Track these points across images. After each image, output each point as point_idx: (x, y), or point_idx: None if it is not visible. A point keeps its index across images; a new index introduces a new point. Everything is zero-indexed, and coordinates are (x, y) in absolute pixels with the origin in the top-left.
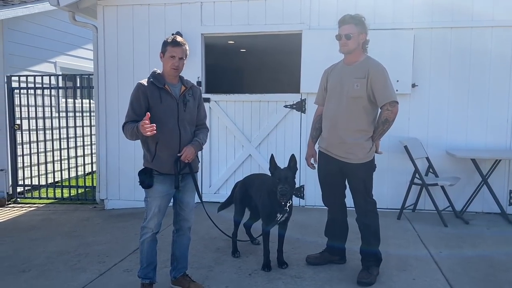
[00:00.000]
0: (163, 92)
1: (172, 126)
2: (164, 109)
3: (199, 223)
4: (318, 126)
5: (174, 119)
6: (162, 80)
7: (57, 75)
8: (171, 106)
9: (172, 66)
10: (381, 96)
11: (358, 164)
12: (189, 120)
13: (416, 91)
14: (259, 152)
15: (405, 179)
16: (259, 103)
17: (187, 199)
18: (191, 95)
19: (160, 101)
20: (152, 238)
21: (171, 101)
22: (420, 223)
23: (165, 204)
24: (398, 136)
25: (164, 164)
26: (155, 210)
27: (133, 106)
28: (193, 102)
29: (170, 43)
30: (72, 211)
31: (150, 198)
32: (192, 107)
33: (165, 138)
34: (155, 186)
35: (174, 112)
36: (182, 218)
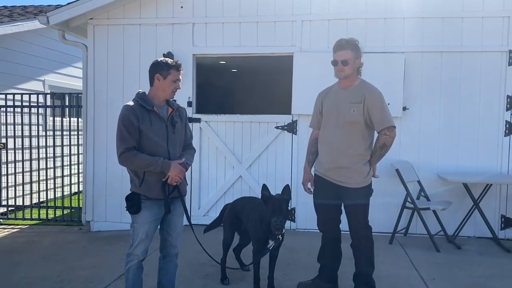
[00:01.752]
0: (152, 115)
1: (162, 149)
2: (154, 132)
3: (187, 248)
4: (314, 150)
5: (164, 142)
6: (150, 102)
7: (45, 94)
8: (161, 129)
9: (175, 89)
10: (379, 121)
11: (356, 188)
12: (179, 141)
13: (407, 114)
14: (250, 173)
15: (396, 203)
16: (250, 123)
17: (175, 223)
18: (178, 116)
19: (150, 123)
20: (138, 265)
21: (161, 123)
22: (412, 248)
23: (153, 229)
24: (390, 159)
25: (152, 189)
26: (142, 236)
27: (129, 130)
28: (181, 123)
29: (175, 67)
30: (57, 233)
31: (137, 224)
32: (180, 129)
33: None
34: (143, 212)
35: (164, 134)
36: (169, 244)
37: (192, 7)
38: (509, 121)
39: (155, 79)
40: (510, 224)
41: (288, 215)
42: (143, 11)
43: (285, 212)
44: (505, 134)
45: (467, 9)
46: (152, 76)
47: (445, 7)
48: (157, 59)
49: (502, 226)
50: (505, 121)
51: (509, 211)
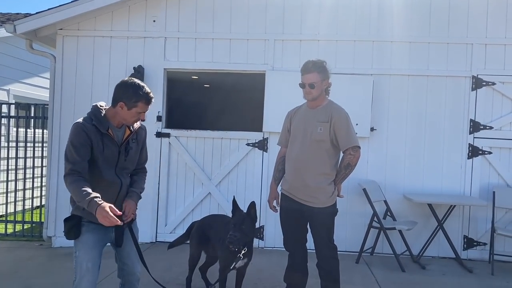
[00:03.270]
0: (106, 138)
1: (111, 176)
2: (105, 158)
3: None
4: (281, 168)
5: (112, 168)
6: (105, 123)
7: (9, 103)
8: (112, 154)
9: (137, 121)
10: (344, 141)
11: (321, 208)
12: (129, 167)
13: (375, 134)
14: (219, 190)
15: (363, 222)
16: (221, 140)
17: (127, 249)
18: (134, 140)
19: (102, 148)
20: None
21: (113, 148)
22: (378, 268)
23: (99, 255)
24: (357, 178)
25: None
26: (88, 265)
27: (79, 151)
28: (136, 147)
29: (145, 100)
30: (16, 248)
31: (79, 251)
32: (133, 155)
33: (103, 189)
34: (86, 235)
35: (114, 160)
36: (126, 272)
37: (164, 22)
38: (472, 144)
39: (118, 105)
40: (472, 244)
41: (249, 232)
42: (114, 24)
43: (246, 228)
44: (468, 157)
45: (433, 35)
46: (116, 100)
47: (413, 32)
48: (127, 80)
49: (465, 247)
50: (468, 144)
51: (471, 232)
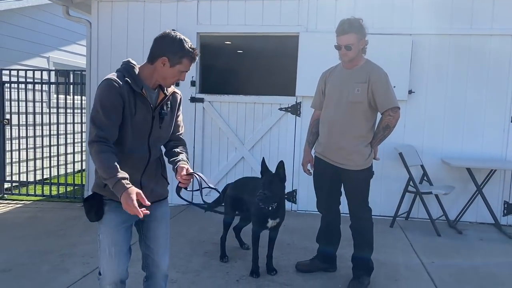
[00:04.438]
0: (139, 100)
1: (141, 146)
2: (137, 123)
3: (188, 226)
4: (315, 131)
5: (145, 137)
6: (139, 81)
7: (49, 70)
8: (145, 120)
9: (176, 82)
10: (383, 101)
11: (356, 170)
12: (163, 138)
13: (413, 97)
14: (252, 155)
15: (399, 187)
16: (254, 104)
17: (156, 233)
18: (169, 106)
19: (134, 111)
20: None
21: (146, 112)
22: (413, 232)
23: (125, 238)
24: (393, 143)
25: None
26: (112, 250)
27: (109, 113)
28: (171, 114)
29: (190, 56)
30: (60, 209)
31: (102, 234)
32: (168, 122)
33: (130, 159)
34: (108, 216)
35: (147, 127)
36: (151, 262)
37: None
38: None
39: (159, 61)
40: None
41: (278, 190)
42: None
43: (275, 187)
44: (511, 120)
45: None
46: (157, 55)
47: None
48: (170, 32)
49: (505, 212)
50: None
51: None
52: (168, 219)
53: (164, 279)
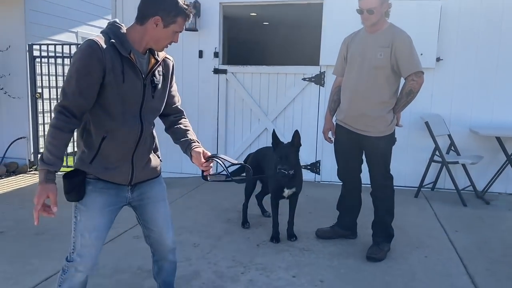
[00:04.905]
0: (127, 65)
1: (132, 119)
2: (126, 93)
3: (212, 195)
4: (336, 98)
5: (137, 109)
6: (127, 44)
7: (77, 45)
8: (135, 89)
9: (170, 43)
10: (406, 66)
11: (378, 137)
12: (157, 110)
13: (441, 65)
14: (275, 126)
15: (425, 157)
16: (277, 75)
17: (155, 214)
18: (161, 73)
19: (122, 78)
20: (82, 285)
21: (137, 80)
22: (438, 202)
23: (107, 224)
24: (420, 112)
25: (110, 169)
26: (91, 236)
27: (81, 81)
28: (164, 84)
29: (184, 14)
30: None
31: (81, 215)
32: (161, 92)
33: (121, 135)
34: (91, 197)
35: (138, 97)
36: (154, 241)
37: None
38: None
39: (151, 21)
40: None
41: (295, 161)
42: None
43: (292, 158)
44: None
45: None
46: (148, 14)
47: None
48: None
49: None
50: None
51: None
52: (165, 198)
53: (172, 252)
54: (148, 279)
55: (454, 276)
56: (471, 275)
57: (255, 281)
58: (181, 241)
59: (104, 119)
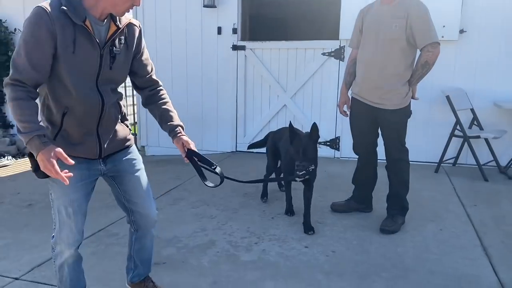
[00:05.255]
0: (80, 34)
1: (90, 91)
2: (77, 64)
3: (232, 170)
4: (352, 71)
5: (92, 80)
6: (82, 11)
7: None
8: (90, 59)
9: (131, 7)
10: (422, 37)
11: (393, 110)
12: (117, 81)
13: (464, 37)
14: (295, 102)
15: (447, 132)
16: (296, 50)
17: (133, 184)
18: (123, 41)
19: (72, 48)
20: (74, 258)
21: (92, 50)
22: (458, 177)
23: (84, 196)
24: (442, 86)
25: (76, 145)
26: (69, 210)
27: (30, 53)
28: (126, 52)
29: None
30: None
31: (55, 193)
32: (123, 62)
33: (79, 107)
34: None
35: (94, 69)
36: (139, 216)
37: None
38: None
39: None
40: None
41: (314, 155)
42: None
43: (310, 152)
44: None
45: None
46: None
47: None
48: None
49: None
50: None
51: None
52: (141, 167)
53: (154, 225)
54: (165, 248)
55: (467, 248)
56: (485, 247)
57: (268, 250)
58: (198, 213)
59: (62, 93)
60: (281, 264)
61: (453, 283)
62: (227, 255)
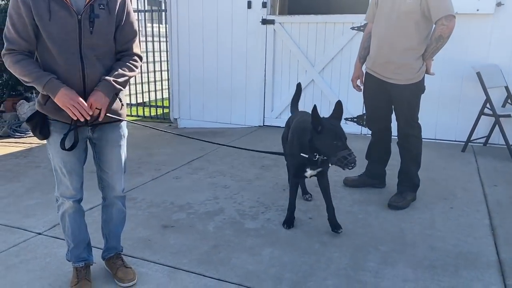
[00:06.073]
0: (53, 2)
1: (71, 56)
2: (56, 31)
3: (254, 143)
4: (367, 45)
5: (75, 45)
6: None
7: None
8: (67, 26)
9: None
10: (436, 9)
11: (405, 85)
12: (100, 46)
13: (501, 10)
14: (322, 77)
15: (477, 110)
16: (325, 24)
17: (108, 156)
18: (104, 6)
19: (48, 16)
20: (74, 209)
21: (68, 17)
22: (485, 157)
23: (75, 160)
24: (472, 61)
25: (62, 110)
26: (64, 170)
27: (15, 25)
28: (108, 17)
29: None
30: (149, 128)
31: (52, 154)
32: (104, 27)
33: (62, 74)
34: (55, 136)
35: (73, 35)
36: (106, 184)
37: None
38: None
39: None
40: None
41: None
42: None
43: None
44: None
45: None
46: None
47: None
48: None
49: None
50: None
51: None
52: (123, 143)
53: (121, 199)
54: (176, 213)
55: (474, 227)
56: (494, 226)
57: (272, 219)
58: (214, 182)
59: (48, 60)
60: (282, 233)
61: (450, 259)
62: (232, 222)
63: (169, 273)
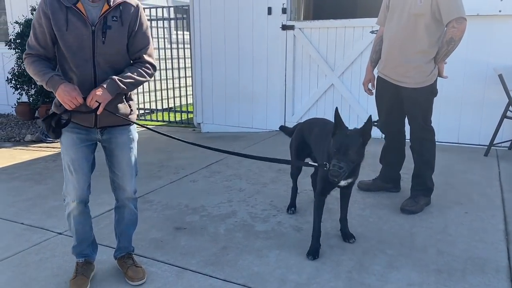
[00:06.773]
0: (71, 15)
1: (83, 65)
2: (72, 40)
3: (273, 147)
4: (378, 49)
5: (88, 54)
6: None
7: (168, 7)
8: (81, 36)
9: None
10: (447, 12)
11: (416, 88)
12: (112, 55)
13: None
14: (342, 81)
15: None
16: (344, 29)
17: (120, 158)
18: (117, 18)
19: (65, 27)
20: (79, 211)
21: (83, 28)
22: (509, 162)
23: (84, 156)
24: (494, 63)
25: (74, 112)
26: (71, 168)
27: (36, 33)
28: (120, 28)
29: None
30: (173, 132)
31: (62, 153)
32: (116, 38)
33: (76, 80)
34: (65, 135)
35: (87, 44)
36: (117, 186)
37: None
38: None
39: None
40: None
41: (358, 158)
42: None
43: (353, 153)
44: None
45: None
46: None
47: None
48: None
49: None
50: None
51: None
52: (133, 146)
53: (132, 202)
54: (191, 215)
55: (487, 232)
56: (509, 232)
57: (283, 222)
58: (229, 185)
59: (65, 67)
60: (291, 235)
61: (458, 264)
62: (243, 224)
63: (177, 273)
